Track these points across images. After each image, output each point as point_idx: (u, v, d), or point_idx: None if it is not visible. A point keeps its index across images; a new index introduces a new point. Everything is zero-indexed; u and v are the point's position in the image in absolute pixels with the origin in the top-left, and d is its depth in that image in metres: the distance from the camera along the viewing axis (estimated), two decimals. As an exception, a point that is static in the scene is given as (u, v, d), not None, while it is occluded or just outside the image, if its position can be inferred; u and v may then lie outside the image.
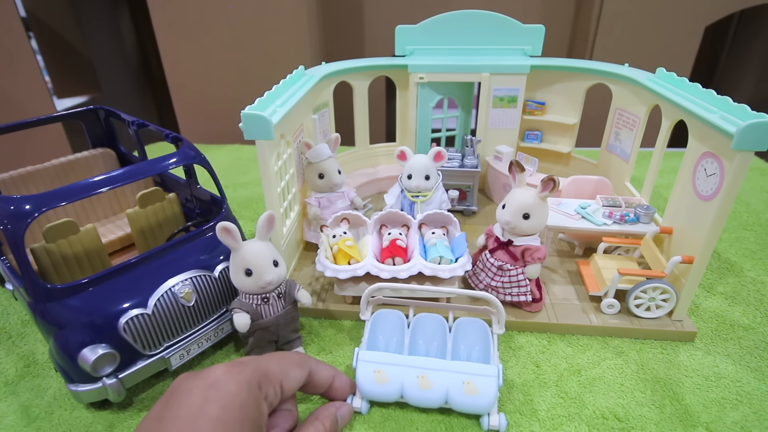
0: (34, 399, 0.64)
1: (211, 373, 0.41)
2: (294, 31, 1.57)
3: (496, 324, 0.65)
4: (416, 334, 0.66)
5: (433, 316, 0.68)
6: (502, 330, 0.64)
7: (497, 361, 0.61)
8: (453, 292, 0.65)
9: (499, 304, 0.63)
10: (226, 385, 0.40)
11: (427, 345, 0.66)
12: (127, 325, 0.59)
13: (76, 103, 1.94)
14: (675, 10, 1.61)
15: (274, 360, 0.47)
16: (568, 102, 1.08)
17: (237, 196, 1.19)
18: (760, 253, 0.93)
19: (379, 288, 0.66)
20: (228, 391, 0.40)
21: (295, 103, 0.78)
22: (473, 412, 0.58)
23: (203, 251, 0.69)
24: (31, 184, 0.90)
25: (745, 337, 0.72)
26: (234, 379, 0.41)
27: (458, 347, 0.65)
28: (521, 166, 0.70)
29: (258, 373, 0.43)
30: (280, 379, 0.46)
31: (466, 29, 1.03)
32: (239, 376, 0.41)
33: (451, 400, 0.57)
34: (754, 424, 0.58)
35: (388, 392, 0.58)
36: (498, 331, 0.64)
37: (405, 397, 0.58)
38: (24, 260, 0.57)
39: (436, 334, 0.66)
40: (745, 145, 0.59)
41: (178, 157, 0.72)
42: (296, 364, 0.50)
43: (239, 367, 0.43)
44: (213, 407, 0.38)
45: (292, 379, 0.48)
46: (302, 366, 0.50)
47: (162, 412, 0.39)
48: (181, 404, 0.39)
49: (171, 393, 0.41)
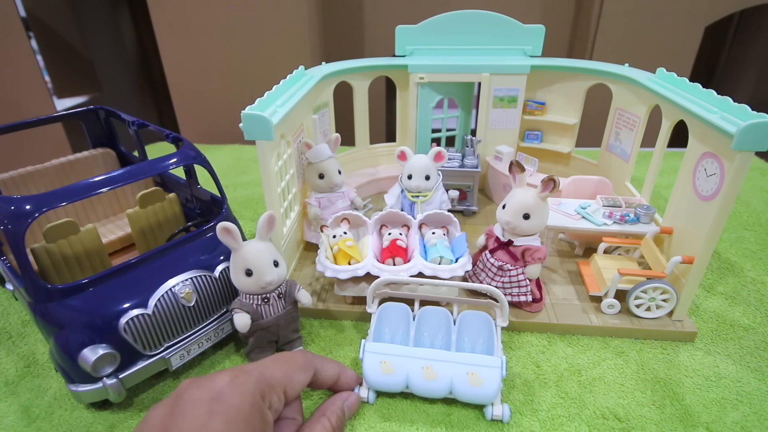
0: (35, 399, 0.64)
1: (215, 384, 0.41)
2: (294, 31, 1.57)
3: (499, 316, 0.66)
4: (421, 327, 0.67)
5: (437, 309, 0.69)
6: (506, 322, 0.66)
7: (501, 353, 0.62)
8: (458, 284, 0.67)
9: (502, 297, 0.65)
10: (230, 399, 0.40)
11: (432, 337, 0.67)
12: (127, 325, 0.59)
13: (76, 103, 1.94)
14: (675, 10, 1.61)
15: (278, 365, 0.47)
16: (568, 102, 1.08)
17: (237, 196, 1.19)
18: (761, 253, 0.93)
19: (387, 282, 0.67)
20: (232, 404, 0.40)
21: (296, 103, 0.78)
22: (477, 402, 0.59)
23: (203, 251, 0.69)
24: (31, 184, 0.90)
25: (746, 337, 0.72)
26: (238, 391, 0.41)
27: (462, 339, 0.66)
28: (521, 166, 0.70)
29: (261, 383, 0.43)
30: (284, 385, 0.46)
31: (466, 29, 1.03)
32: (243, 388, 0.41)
33: (455, 391, 0.58)
34: (755, 425, 0.58)
35: (394, 382, 0.59)
36: (501, 323, 0.66)
37: (410, 387, 0.59)
38: (24, 260, 0.57)
39: (440, 327, 0.68)
40: (745, 145, 0.59)
41: (179, 157, 0.72)
42: (300, 367, 0.50)
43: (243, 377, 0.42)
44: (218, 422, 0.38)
45: (296, 383, 0.48)
46: (306, 369, 0.51)
47: (166, 422, 0.39)
48: (186, 417, 0.39)
49: (175, 403, 0.40)
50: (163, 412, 0.40)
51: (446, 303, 0.73)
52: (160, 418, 0.39)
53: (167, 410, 0.40)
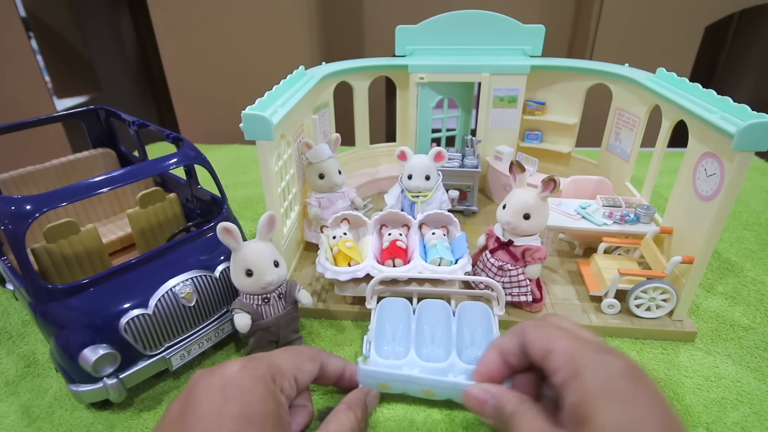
0: (35, 399, 0.64)
1: (226, 370, 0.42)
2: (294, 31, 1.57)
3: (496, 306, 0.68)
4: (421, 320, 0.68)
5: (436, 302, 0.69)
6: (503, 311, 0.68)
7: None
8: (456, 277, 0.70)
9: (498, 286, 0.66)
10: (243, 382, 0.41)
11: (433, 330, 0.67)
12: (127, 325, 0.59)
13: (76, 103, 1.95)
14: (675, 10, 1.62)
15: (287, 355, 0.48)
16: (568, 102, 1.08)
17: (237, 196, 1.19)
18: (760, 252, 0.93)
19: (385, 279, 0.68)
20: (246, 387, 0.40)
21: (296, 103, 0.78)
22: None
23: (204, 251, 0.69)
24: (32, 184, 0.90)
25: (746, 337, 0.72)
26: (249, 375, 0.41)
27: (462, 330, 0.67)
28: (522, 167, 0.70)
29: (272, 368, 0.44)
30: (294, 373, 0.47)
31: (466, 29, 1.03)
32: (254, 372, 0.42)
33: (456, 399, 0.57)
34: (755, 425, 0.58)
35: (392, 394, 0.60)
36: (498, 312, 0.67)
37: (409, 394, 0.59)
38: (25, 260, 0.57)
39: (440, 320, 0.68)
40: (745, 145, 0.59)
41: (179, 157, 0.72)
42: (309, 357, 0.50)
43: (253, 362, 0.43)
44: (234, 405, 0.39)
45: (306, 372, 0.49)
46: (314, 360, 0.51)
47: (183, 412, 0.39)
48: (201, 404, 0.39)
49: (189, 392, 0.41)
50: (179, 403, 0.41)
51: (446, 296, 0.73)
52: (176, 409, 0.40)
53: (183, 401, 0.41)
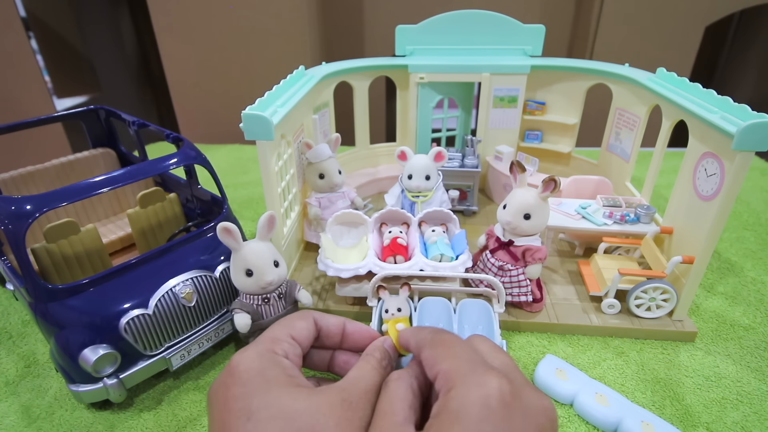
0: (35, 399, 0.64)
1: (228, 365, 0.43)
2: (294, 31, 1.57)
3: (496, 303, 0.68)
4: (423, 318, 0.68)
5: (438, 300, 0.69)
6: (503, 308, 0.68)
7: (499, 338, 0.63)
8: (456, 275, 0.70)
9: (498, 284, 0.66)
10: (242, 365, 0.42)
11: None
12: (128, 325, 0.59)
13: (76, 103, 1.94)
14: (675, 10, 1.61)
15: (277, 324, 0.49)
16: (568, 102, 1.08)
17: (237, 196, 1.19)
18: (761, 252, 0.93)
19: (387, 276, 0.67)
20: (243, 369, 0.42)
21: (296, 103, 0.78)
22: None
23: (204, 251, 0.69)
24: (32, 184, 0.90)
25: (746, 337, 0.72)
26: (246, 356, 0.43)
27: (463, 327, 0.67)
28: (522, 167, 0.70)
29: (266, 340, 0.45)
30: (288, 332, 0.48)
31: (466, 29, 1.03)
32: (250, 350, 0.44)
33: None
34: (755, 425, 0.59)
35: None
36: (499, 309, 0.67)
37: None
38: (25, 260, 0.57)
39: (441, 317, 0.68)
40: (745, 145, 0.59)
41: (179, 157, 0.72)
42: (298, 317, 0.51)
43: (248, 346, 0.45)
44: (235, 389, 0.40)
45: (300, 328, 0.49)
46: (304, 317, 0.51)
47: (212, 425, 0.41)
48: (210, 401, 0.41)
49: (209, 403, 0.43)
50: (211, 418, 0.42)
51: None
52: None
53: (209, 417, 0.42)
